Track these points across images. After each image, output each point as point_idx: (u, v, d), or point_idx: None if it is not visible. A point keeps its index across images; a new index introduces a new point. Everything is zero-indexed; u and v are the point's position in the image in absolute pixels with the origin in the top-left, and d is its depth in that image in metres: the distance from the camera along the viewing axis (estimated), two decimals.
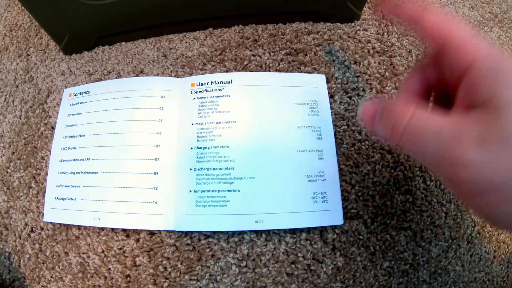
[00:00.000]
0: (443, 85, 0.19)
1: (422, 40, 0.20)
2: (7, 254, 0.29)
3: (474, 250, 0.28)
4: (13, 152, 0.32)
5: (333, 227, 0.27)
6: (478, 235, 0.29)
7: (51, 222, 0.29)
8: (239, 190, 0.26)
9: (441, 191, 0.29)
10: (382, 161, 0.29)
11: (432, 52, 0.19)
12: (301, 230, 0.27)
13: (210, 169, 0.27)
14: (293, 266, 0.26)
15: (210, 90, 0.29)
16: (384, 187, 0.28)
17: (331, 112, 0.29)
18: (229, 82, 0.29)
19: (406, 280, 0.27)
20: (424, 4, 0.20)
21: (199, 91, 0.29)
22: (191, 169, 0.27)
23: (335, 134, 0.29)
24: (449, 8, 0.38)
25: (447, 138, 0.15)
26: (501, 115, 0.13)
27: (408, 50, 0.34)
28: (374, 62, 0.32)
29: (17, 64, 0.36)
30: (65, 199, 0.28)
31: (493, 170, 0.13)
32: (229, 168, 0.26)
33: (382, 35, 0.34)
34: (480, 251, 0.29)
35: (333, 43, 0.32)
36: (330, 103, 0.30)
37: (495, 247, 0.29)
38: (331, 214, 0.26)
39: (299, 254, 0.26)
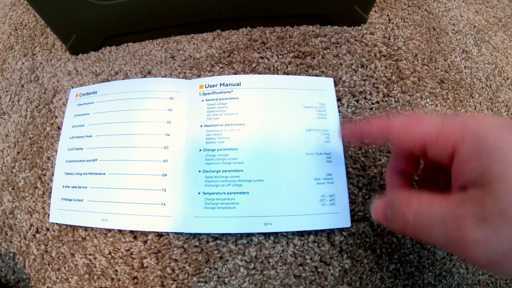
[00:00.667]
0: (431, 168, 0.21)
1: (401, 148, 0.21)
2: (11, 254, 0.29)
3: None
4: (19, 152, 0.32)
5: (341, 230, 0.27)
6: None
7: (57, 223, 0.29)
8: (248, 193, 0.26)
9: None
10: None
11: (412, 151, 0.20)
12: (309, 232, 0.27)
13: (219, 171, 0.27)
14: (300, 268, 0.26)
15: (219, 92, 0.29)
16: None
17: (339, 115, 0.29)
18: (238, 84, 0.29)
19: (412, 282, 0.27)
20: (383, 114, 0.21)
21: (208, 93, 0.29)
22: (200, 171, 0.27)
23: (342, 138, 0.29)
24: (454, 12, 0.39)
25: (451, 221, 0.15)
26: (493, 190, 0.14)
27: (414, 54, 0.34)
28: (381, 66, 0.32)
29: (23, 63, 0.36)
30: (71, 200, 0.28)
31: (499, 243, 0.14)
32: (238, 171, 0.26)
33: (389, 38, 0.34)
34: None
35: (341, 47, 0.33)
36: (338, 106, 0.30)
37: None
38: (339, 217, 0.26)
39: (306, 256, 0.26)
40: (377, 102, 0.31)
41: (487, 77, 0.35)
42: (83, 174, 0.29)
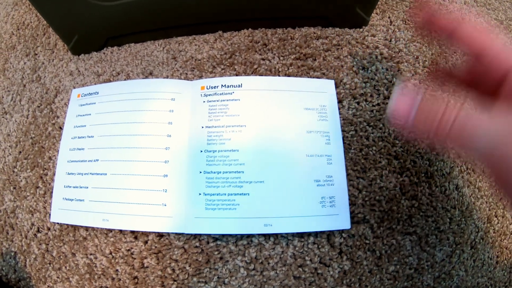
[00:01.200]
0: (474, 87, 0.20)
1: (458, 47, 0.20)
2: (12, 253, 0.29)
3: (478, 256, 0.29)
4: (20, 152, 0.32)
5: (340, 231, 0.27)
6: (481, 241, 0.29)
7: (58, 223, 0.29)
8: (248, 194, 0.26)
9: (446, 197, 0.29)
10: (388, 167, 0.29)
11: (466, 59, 0.20)
12: (309, 234, 0.27)
13: (220, 172, 0.27)
14: (300, 269, 0.26)
15: (221, 94, 0.29)
16: (390, 192, 0.28)
17: (340, 117, 0.30)
18: (239, 86, 0.29)
19: (411, 284, 0.27)
20: (460, 17, 0.20)
21: (209, 94, 0.29)
22: (200, 172, 0.27)
23: (343, 139, 0.29)
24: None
25: (499, 135, 0.14)
26: None
27: (415, 56, 0.34)
28: (382, 68, 0.32)
29: (25, 63, 0.36)
30: (73, 200, 0.28)
31: None
32: (239, 172, 0.27)
33: (390, 41, 0.34)
34: (483, 256, 0.29)
35: (342, 49, 0.33)
36: (339, 108, 0.30)
37: (498, 252, 0.30)
38: (339, 219, 0.27)
39: (306, 258, 0.26)
40: (378, 104, 0.31)
41: None
42: (85, 174, 0.29)
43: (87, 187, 0.28)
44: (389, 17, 0.36)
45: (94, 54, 0.34)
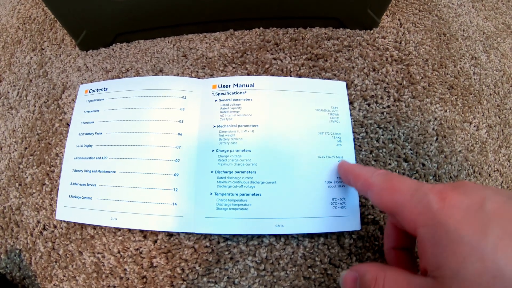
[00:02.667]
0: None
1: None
2: (17, 251, 0.29)
3: None
4: (26, 148, 0.31)
5: (350, 233, 0.27)
6: None
7: (64, 221, 0.28)
8: (260, 194, 0.26)
9: None
10: (398, 169, 0.29)
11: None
12: (319, 234, 0.27)
13: (232, 172, 0.27)
14: (310, 270, 0.26)
15: (233, 93, 0.29)
16: None
17: (351, 118, 0.29)
18: (251, 85, 0.29)
19: None
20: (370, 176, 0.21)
21: (221, 93, 0.29)
22: (212, 171, 0.27)
23: (354, 141, 0.29)
24: (464, 18, 0.39)
25: None
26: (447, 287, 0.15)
27: (424, 59, 0.34)
28: (392, 70, 0.32)
29: (31, 58, 0.35)
30: (80, 197, 0.28)
31: None
32: (251, 172, 0.26)
33: (400, 43, 0.34)
34: None
35: (353, 50, 0.33)
36: (350, 110, 0.30)
37: None
38: (349, 220, 0.27)
39: (316, 259, 0.26)
40: (388, 106, 0.31)
41: (495, 84, 0.35)
42: (92, 171, 0.28)
43: (95, 185, 0.28)
44: (399, 19, 0.36)
45: (102, 50, 0.34)
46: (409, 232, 0.18)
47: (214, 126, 0.28)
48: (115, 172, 0.28)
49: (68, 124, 0.31)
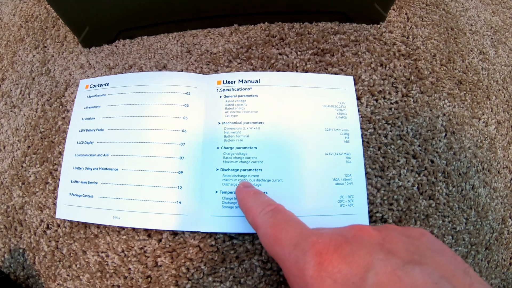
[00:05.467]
0: None
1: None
2: (21, 250, 0.28)
3: (492, 257, 0.28)
4: (29, 146, 0.31)
5: None
6: (496, 242, 0.29)
7: (67, 220, 0.28)
8: (266, 192, 0.25)
9: (463, 197, 0.29)
10: (407, 166, 0.29)
11: None
12: None
13: (238, 170, 0.26)
14: None
15: (238, 89, 0.28)
16: (408, 192, 0.28)
17: (359, 114, 0.29)
18: (257, 81, 0.28)
19: None
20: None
21: (226, 89, 0.29)
22: (217, 169, 0.26)
23: (361, 137, 0.28)
24: (472, 12, 0.38)
25: None
26: None
27: (432, 54, 0.33)
28: (400, 65, 0.32)
29: (33, 56, 0.35)
30: (80, 195, 0.28)
31: None
32: (257, 170, 0.26)
33: (407, 38, 0.34)
34: (497, 257, 0.29)
35: (360, 45, 0.32)
36: (357, 106, 0.29)
37: (511, 254, 0.29)
38: (357, 218, 0.26)
39: None
40: (396, 102, 0.30)
41: (504, 79, 0.34)
42: (94, 169, 0.28)
43: (97, 183, 0.27)
44: (406, 14, 0.36)
45: (105, 47, 0.33)
46: None
47: (219, 123, 0.27)
48: (117, 169, 0.27)
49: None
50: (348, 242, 0.14)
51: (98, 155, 0.28)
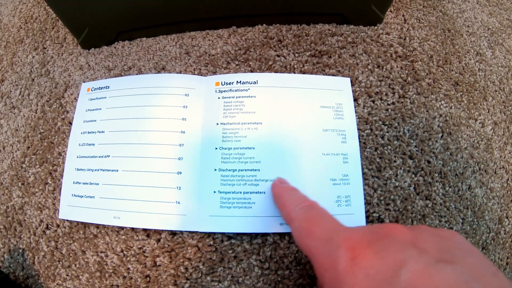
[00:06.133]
0: None
1: None
2: (21, 250, 0.29)
3: (489, 256, 0.29)
4: (28, 147, 0.31)
5: None
6: (492, 242, 0.29)
7: (68, 220, 0.28)
8: (264, 192, 0.26)
9: (459, 197, 0.29)
10: (403, 166, 0.29)
11: None
12: None
13: (236, 170, 0.26)
14: None
15: (236, 90, 0.29)
16: (405, 192, 0.28)
17: (355, 115, 0.29)
18: (254, 82, 0.29)
19: None
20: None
21: (224, 91, 0.29)
22: (215, 169, 0.27)
23: (358, 138, 0.29)
24: (468, 14, 0.38)
25: None
26: None
27: (429, 55, 0.34)
28: (397, 67, 0.32)
29: (33, 57, 0.35)
30: (82, 196, 0.28)
31: None
32: (255, 170, 0.26)
33: (404, 39, 0.34)
34: (494, 257, 0.29)
35: (357, 46, 0.32)
36: (354, 107, 0.29)
37: (508, 254, 0.29)
38: (354, 218, 0.26)
39: None
40: (393, 103, 0.31)
41: (501, 80, 0.35)
42: (95, 170, 0.28)
43: (98, 184, 0.28)
44: (403, 15, 0.36)
45: (104, 48, 0.34)
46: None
47: (217, 124, 0.28)
48: (118, 170, 0.28)
49: (71, 123, 0.31)
50: (381, 239, 0.15)
51: (99, 157, 0.28)
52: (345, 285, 0.14)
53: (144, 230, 0.27)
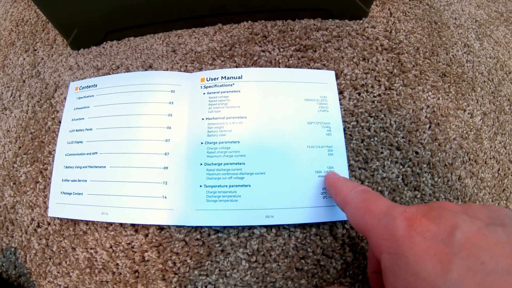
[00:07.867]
0: None
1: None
2: (13, 249, 0.29)
3: None
4: (20, 147, 0.32)
5: (343, 223, 0.27)
6: None
7: (58, 217, 0.28)
8: (249, 185, 0.26)
9: (449, 188, 0.29)
10: (391, 157, 0.29)
11: None
12: (311, 225, 0.27)
13: (221, 164, 0.26)
14: (302, 261, 0.26)
15: (221, 85, 0.29)
16: (393, 183, 0.28)
17: (341, 108, 0.29)
18: (239, 77, 0.29)
19: None
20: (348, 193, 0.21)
21: (209, 86, 0.29)
22: (201, 164, 0.27)
23: (344, 130, 0.29)
24: (456, 6, 0.38)
25: None
26: None
27: (415, 47, 0.34)
28: (383, 59, 0.32)
29: (24, 59, 0.36)
30: (71, 193, 0.28)
31: None
32: (240, 163, 0.26)
33: (390, 32, 0.34)
34: None
35: (342, 40, 0.33)
36: (340, 99, 0.30)
37: None
38: (340, 210, 0.26)
39: (308, 249, 0.26)
40: (379, 95, 0.31)
41: (489, 71, 0.35)
42: (83, 167, 0.29)
43: (86, 181, 0.28)
44: (389, 9, 0.36)
45: (93, 49, 0.34)
46: (377, 257, 0.17)
47: (203, 119, 0.28)
48: (105, 167, 0.28)
49: (60, 122, 0.31)
50: (434, 209, 0.16)
51: (87, 154, 0.29)
52: (404, 249, 0.15)
53: (132, 225, 0.27)
